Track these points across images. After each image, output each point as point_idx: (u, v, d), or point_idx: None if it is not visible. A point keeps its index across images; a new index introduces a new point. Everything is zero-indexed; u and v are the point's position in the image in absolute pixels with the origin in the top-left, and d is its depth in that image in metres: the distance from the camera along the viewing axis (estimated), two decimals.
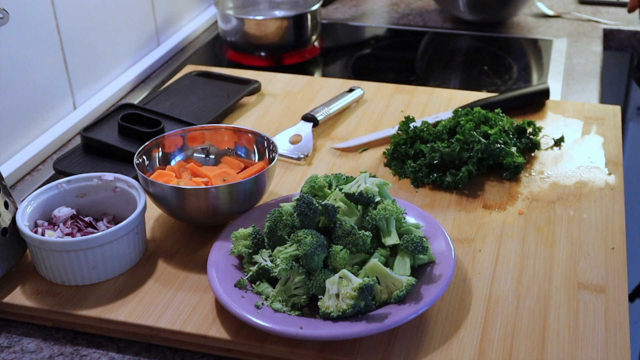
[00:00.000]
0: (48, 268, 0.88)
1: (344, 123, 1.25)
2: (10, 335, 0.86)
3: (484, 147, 1.06)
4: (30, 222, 0.91)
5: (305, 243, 0.81)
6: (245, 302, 0.81)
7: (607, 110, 1.26)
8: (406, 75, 1.49)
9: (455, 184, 1.05)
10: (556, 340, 0.80)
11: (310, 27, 1.53)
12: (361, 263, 0.84)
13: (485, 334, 0.81)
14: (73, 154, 1.12)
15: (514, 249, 0.94)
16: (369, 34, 1.72)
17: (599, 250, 0.93)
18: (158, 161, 1.02)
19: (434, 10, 1.81)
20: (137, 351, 0.83)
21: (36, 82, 1.20)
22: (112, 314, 0.84)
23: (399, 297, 0.80)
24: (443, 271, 0.84)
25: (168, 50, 1.55)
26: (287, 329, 0.77)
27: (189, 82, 1.35)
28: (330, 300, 0.79)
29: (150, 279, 0.90)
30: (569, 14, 1.74)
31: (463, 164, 1.06)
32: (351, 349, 0.79)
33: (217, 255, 0.88)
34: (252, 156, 1.05)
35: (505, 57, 1.56)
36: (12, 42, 1.13)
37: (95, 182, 0.96)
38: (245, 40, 1.51)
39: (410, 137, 1.12)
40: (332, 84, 1.37)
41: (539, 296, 0.86)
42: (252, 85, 1.32)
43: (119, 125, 1.14)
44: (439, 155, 1.06)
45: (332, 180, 0.94)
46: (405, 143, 1.12)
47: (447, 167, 1.07)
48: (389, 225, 0.85)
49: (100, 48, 1.36)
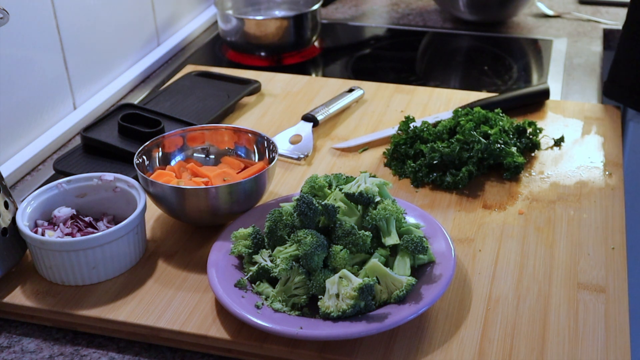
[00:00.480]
0: (48, 268, 0.88)
1: (344, 123, 1.25)
2: (10, 335, 0.86)
3: (484, 147, 1.06)
4: (30, 222, 0.91)
5: (305, 243, 0.81)
6: (245, 302, 0.81)
7: (607, 110, 1.26)
8: (406, 75, 1.49)
9: (455, 184, 1.05)
10: (556, 340, 0.80)
11: (310, 27, 1.53)
12: (361, 263, 0.84)
13: (485, 334, 0.81)
14: (73, 154, 1.12)
15: (514, 249, 0.94)
16: (369, 34, 1.72)
17: (599, 250, 0.93)
18: (158, 161, 1.02)
19: (434, 10, 1.81)
20: (137, 351, 0.83)
21: (36, 82, 1.20)
22: (112, 314, 0.84)
23: (399, 297, 0.80)
24: (443, 271, 0.84)
25: (168, 50, 1.55)
26: (287, 329, 0.77)
27: (189, 82, 1.35)
28: (330, 300, 0.79)
29: (150, 279, 0.90)
30: (569, 14, 1.74)
31: (463, 164, 1.06)
32: (351, 349, 0.79)
33: (217, 255, 0.88)
34: (252, 156, 1.05)
35: (505, 57, 1.56)
36: (12, 42, 1.13)
37: (95, 182, 0.96)
38: (245, 40, 1.51)
39: (410, 137, 1.12)
40: (332, 84, 1.37)
41: (539, 296, 0.86)
42: (252, 85, 1.32)
43: (119, 125, 1.14)
44: (438, 155, 1.06)
45: (332, 180, 0.94)
46: (405, 143, 1.12)
47: (447, 167, 1.07)
48: (389, 225, 0.85)
49: (100, 48, 1.36)
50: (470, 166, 1.05)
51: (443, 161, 1.07)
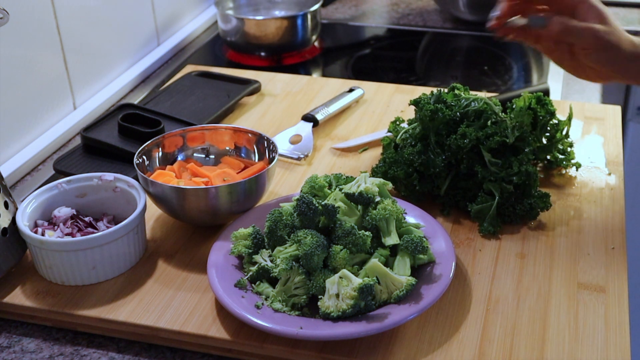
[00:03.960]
0: (48, 268, 0.88)
1: (344, 123, 1.25)
2: (10, 335, 0.86)
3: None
4: (30, 222, 0.91)
5: (305, 243, 0.81)
6: (245, 302, 0.81)
7: (607, 110, 1.26)
8: (406, 75, 1.49)
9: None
10: (556, 340, 0.80)
11: (310, 27, 1.53)
12: (361, 263, 0.84)
13: (485, 334, 0.81)
14: (73, 154, 1.12)
15: (514, 249, 0.94)
16: (369, 34, 1.72)
17: (599, 250, 0.93)
18: (158, 161, 1.02)
19: (434, 10, 1.81)
20: (137, 351, 0.83)
21: (36, 82, 1.20)
22: (112, 314, 0.84)
23: (399, 297, 0.80)
24: (443, 271, 0.84)
25: (168, 50, 1.55)
26: (287, 329, 0.77)
27: (189, 82, 1.35)
28: (330, 300, 0.79)
29: (150, 279, 0.90)
30: None
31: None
32: (351, 349, 0.79)
33: (217, 255, 0.88)
34: (252, 156, 1.05)
35: (505, 57, 1.56)
36: (12, 42, 1.13)
37: (95, 182, 0.96)
38: (245, 40, 1.51)
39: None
40: (332, 84, 1.37)
41: (539, 296, 0.86)
42: (252, 85, 1.33)
43: (119, 125, 1.14)
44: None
45: (332, 180, 0.94)
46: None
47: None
48: (389, 225, 0.85)
49: (100, 48, 1.36)
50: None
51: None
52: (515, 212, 0.96)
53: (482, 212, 0.96)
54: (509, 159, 0.97)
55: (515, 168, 0.96)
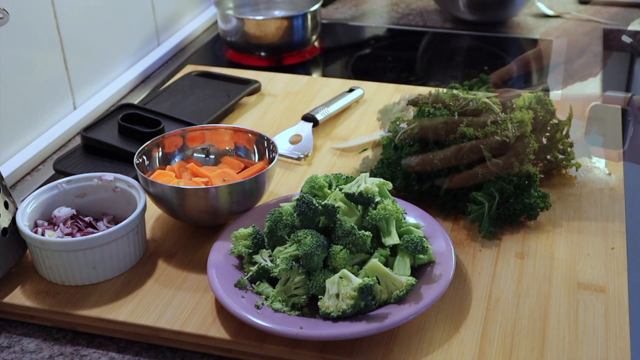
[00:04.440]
0: (48, 268, 0.88)
1: (344, 123, 1.25)
2: (10, 335, 0.86)
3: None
4: (30, 222, 0.91)
5: (305, 243, 0.81)
6: (245, 302, 0.81)
7: (607, 110, 1.26)
8: (406, 75, 1.49)
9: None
10: (556, 340, 0.80)
11: (310, 27, 1.53)
12: (361, 263, 0.84)
13: (485, 334, 0.81)
14: (73, 154, 1.12)
15: (514, 249, 0.94)
16: (369, 34, 1.72)
17: (599, 250, 0.93)
18: (158, 161, 1.02)
19: (434, 10, 1.81)
20: (137, 351, 0.83)
21: (36, 82, 1.20)
22: (112, 314, 0.84)
23: (399, 297, 0.80)
24: (443, 271, 0.84)
25: (168, 50, 1.55)
26: (287, 329, 0.77)
27: (189, 82, 1.35)
28: (330, 300, 0.79)
29: (150, 279, 0.90)
30: (569, 14, 1.74)
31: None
32: (351, 349, 0.79)
33: (217, 255, 0.88)
34: (252, 156, 1.05)
35: (505, 57, 1.56)
36: (12, 42, 1.13)
37: (95, 182, 0.96)
38: (245, 40, 1.51)
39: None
40: (332, 84, 1.37)
41: (539, 296, 0.86)
42: (252, 85, 1.33)
43: (119, 125, 1.14)
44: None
45: (332, 180, 0.94)
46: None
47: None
48: (389, 225, 0.85)
49: (100, 48, 1.36)
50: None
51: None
52: (516, 212, 0.96)
53: (477, 219, 0.97)
54: (509, 158, 0.97)
55: (516, 168, 0.96)
